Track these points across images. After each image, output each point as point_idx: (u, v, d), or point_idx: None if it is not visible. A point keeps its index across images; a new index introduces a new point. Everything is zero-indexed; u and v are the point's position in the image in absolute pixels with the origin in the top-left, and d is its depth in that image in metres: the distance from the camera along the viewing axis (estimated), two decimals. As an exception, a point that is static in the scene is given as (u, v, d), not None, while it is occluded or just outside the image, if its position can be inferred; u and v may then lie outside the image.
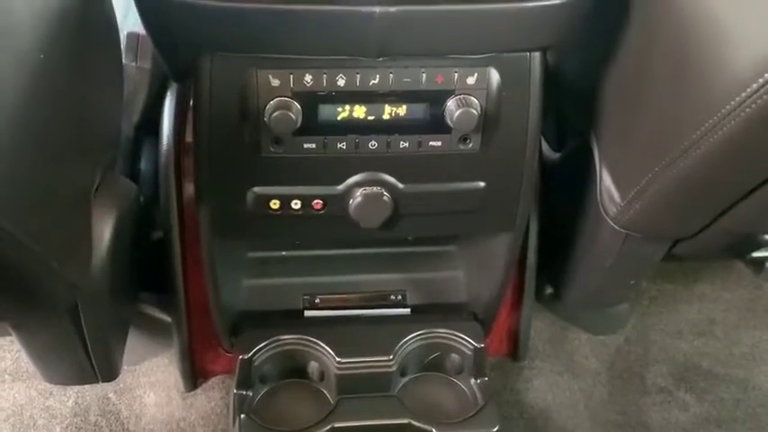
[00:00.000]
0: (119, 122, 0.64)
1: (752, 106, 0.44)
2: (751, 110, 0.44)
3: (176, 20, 0.50)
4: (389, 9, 0.48)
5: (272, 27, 0.50)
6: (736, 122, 0.45)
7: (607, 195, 0.62)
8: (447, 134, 0.58)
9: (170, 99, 0.71)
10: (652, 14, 0.54)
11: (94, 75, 0.55)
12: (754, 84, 0.43)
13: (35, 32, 0.43)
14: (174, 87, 0.71)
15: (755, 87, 0.43)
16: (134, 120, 0.73)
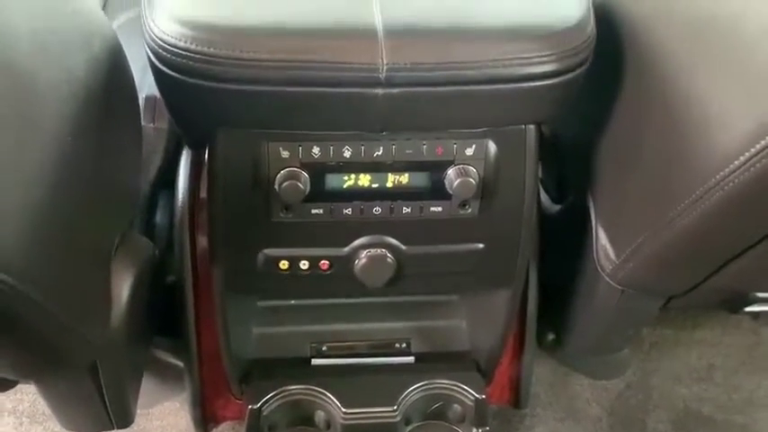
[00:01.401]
0: (138, 184, 0.68)
1: (735, 181, 0.47)
2: (735, 183, 0.47)
3: (191, 98, 0.54)
4: (391, 91, 0.52)
5: (281, 107, 0.53)
6: (722, 193, 0.48)
7: (603, 253, 0.65)
8: (447, 200, 0.61)
9: (185, 157, 0.75)
10: (642, 87, 0.58)
11: (116, 141, 0.58)
12: (736, 161, 0.46)
13: (61, 118, 0.47)
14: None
15: (737, 164, 0.46)
16: (150, 177, 0.77)
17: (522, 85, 0.53)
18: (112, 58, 0.56)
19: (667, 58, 0.54)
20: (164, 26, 0.52)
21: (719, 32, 0.50)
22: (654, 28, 0.56)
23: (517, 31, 0.53)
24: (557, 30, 0.53)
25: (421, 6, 0.53)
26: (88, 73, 0.51)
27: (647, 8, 0.57)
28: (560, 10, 0.54)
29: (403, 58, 0.51)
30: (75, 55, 0.50)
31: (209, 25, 0.51)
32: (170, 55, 0.51)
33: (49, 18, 0.49)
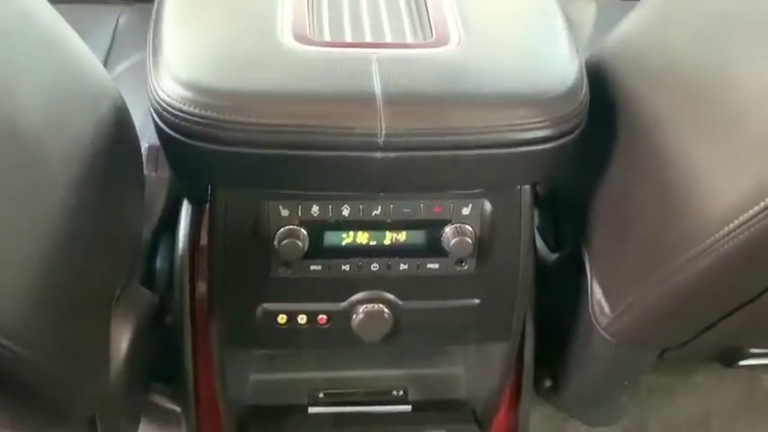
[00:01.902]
0: (140, 234, 0.69)
1: (727, 244, 0.48)
2: (727, 247, 0.48)
3: (193, 158, 0.55)
4: (390, 155, 0.53)
5: (281, 170, 0.54)
6: (714, 256, 0.49)
7: (598, 306, 0.66)
8: (444, 258, 0.62)
9: (186, 203, 0.76)
10: (635, 147, 0.59)
11: (119, 195, 0.60)
12: (728, 225, 0.47)
13: (67, 182, 0.48)
14: None
15: (729, 228, 0.47)
16: (152, 225, 0.78)
17: (517, 150, 0.54)
18: (118, 118, 0.57)
19: (659, 120, 0.55)
20: (168, 88, 0.53)
21: (711, 96, 0.52)
22: (646, 89, 0.58)
23: (512, 98, 0.54)
24: (550, 96, 0.54)
25: (419, 72, 0.55)
26: (95, 135, 0.52)
27: (640, 69, 0.59)
28: (554, 74, 0.56)
29: (401, 123, 0.52)
30: (83, 119, 0.51)
31: (212, 89, 0.52)
32: (173, 117, 0.53)
33: (57, 84, 0.50)
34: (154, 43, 0.58)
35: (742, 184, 0.47)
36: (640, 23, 0.61)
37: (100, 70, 0.58)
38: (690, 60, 0.54)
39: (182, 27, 0.58)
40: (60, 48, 0.53)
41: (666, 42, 0.56)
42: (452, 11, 0.61)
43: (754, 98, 0.47)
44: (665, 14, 0.58)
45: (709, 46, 0.52)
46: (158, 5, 0.63)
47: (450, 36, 0.58)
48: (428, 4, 0.63)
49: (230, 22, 0.58)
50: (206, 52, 0.55)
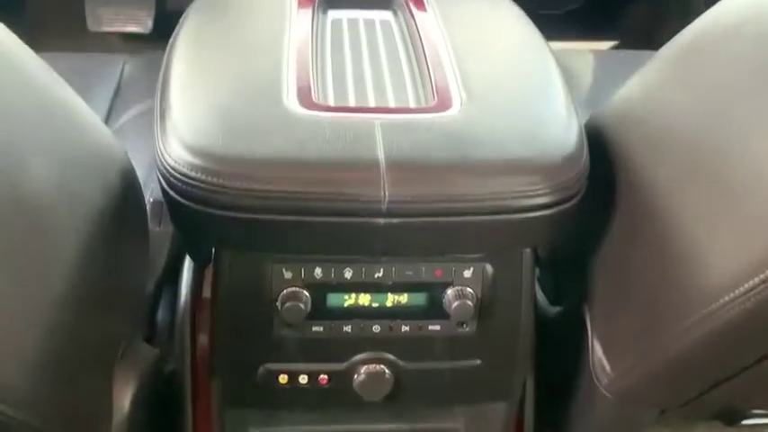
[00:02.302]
0: (144, 291, 0.69)
1: (725, 314, 0.49)
2: (725, 317, 0.49)
3: (198, 222, 0.56)
4: (392, 221, 0.54)
5: (285, 235, 0.55)
6: (712, 325, 0.50)
7: (599, 364, 0.66)
8: (445, 320, 0.62)
9: (189, 259, 0.77)
10: (634, 214, 0.60)
11: (124, 255, 0.60)
12: (725, 296, 0.48)
13: (74, 247, 0.49)
14: None
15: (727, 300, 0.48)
16: (155, 278, 0.78)
17: (519, 216, 0.55)
18: (125, 181, 0.58)
19: (659, 187, 0.56)
20: (175, 154, 0.54)
21: (711, 168, 0.52)
22: (646, 156, 0.58)
23: (513, 166, 0.55)
24: (551, 164, 0.55)
25: (421, 138, 0.55)
26: (103, 200, 0.53)
27: (640, 135, 0.60)
28: (555, 141, 0.57)
29: (404, 190, 0.53)
30: (91, 186, 0.52)
31: (218, 156, 0.53)
32: (180, 183, 0.53)
33: (66, 152, 0.51)
34: (161, 106, 0.59)
35: (742, 256, 0.48)
36: (641, 89, 0.62)
37: (104, 132, 0.59)
38: (690, 130, 0.55)
39: (188, 91, 0.59)
40: (63, 111, 0.54)
41: (667, 110, 0.57)
42: (454, 72, 0.63)
43: (756, 174, 0.48)
44: (666, 82, 0.59)
45: (710, 117, 0.53)
46: (166, 67, 0.64)
47: (452, 100, 0.59)
48: (430, 67, 0.64)
49: (236, 86, 0.60)
50: (212, 117, 0.56)
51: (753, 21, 0.53)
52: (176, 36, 0.69)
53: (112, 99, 0.96)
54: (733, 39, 0.53)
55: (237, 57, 0.64)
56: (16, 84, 0.47)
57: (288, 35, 0.67)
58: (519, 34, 0.73)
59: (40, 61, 0.53)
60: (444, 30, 0.69)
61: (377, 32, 0.72)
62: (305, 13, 0.72)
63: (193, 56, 0.64)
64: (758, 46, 0.52)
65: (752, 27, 0.52)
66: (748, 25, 0.53)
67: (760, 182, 0.47)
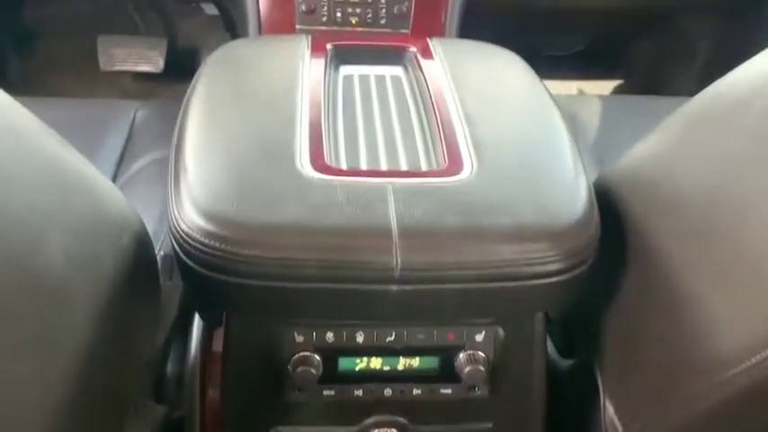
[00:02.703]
0: (154, 348, 0.69)
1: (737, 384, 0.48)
2: (737, 387, 0.48)
3: (211, 287, 0.56)
4: (405, 287, 0.54)
5: (297, 301, 0.55)
6: (723, 395, 0.49)
7: (611, 425, 0.65)
8: (457, 383, 0.62)
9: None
10: (645, 276, 0.59)
11: (135, 313, 0.60)
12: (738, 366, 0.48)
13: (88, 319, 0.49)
14: None
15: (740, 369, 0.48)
16: (165, 332, 0.78)
17: (531, 283, 0.55)
18: (138, 245, 0.58)
19: (669, 252, 0.56)
20: (188, 220, 0.54)
21: (722, 236, 0.52)
22: (657, 220, 0.58)
23: (525, 233, 0.55)
24: (563, 230, 0.55)
25: (433, 204, 0.56)
26: (115, 266, 0.53)
27: (651, 198, 0.60)
28: (566, 206, 0.57)
29: (416, 258, 0.53)
30: (104, 254, 0.52)
31: (232, 223, 0.54)
32: (192, 249, 0.54)
33: (80, 222, 0.51)
34: (175, 168, 0.60)
35: (757, 324, 0.47)
36: (651, 153, 0.62)
37: (116, 195, 0.59)
38: (702, 197, 0.55)
39: (202, 153, 0.60)
40: (74, 178, 0.54)
41: (678, 175, 0.57)
42: (464, 134, 0.63)
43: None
44: (677, 148, 0.59)
45: (721, 185, 0.53)
46: (180, 127, 0.64)
47: (463, 163, 0.60)
48: (441, 128, 0.64)
49: (250, 148, 0.60)
50: (226, 182, 0.57)
51: (760, 94, 0.53)
52: (191, 93, 0.70)
53: (124, 146, 0.97)
54: (741, 111, 0.53)
55: (251, 116, 0.65)
56: (27, 155, 0.48)
57: (300, 93, 0.67)
58: (526, 92, 0.73)
59: (45, 127, 0.53)
60: (454, 87, 0.70)
61: (388, 91, 0.72)
62: (317, 68, 0.73)
63: (207, 115, 0.65)
64: (765, 120, 0.52)
65: (760, 100, 0.53)
66: (757, 98, 0.53)
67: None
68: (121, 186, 0.91)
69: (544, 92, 0.74)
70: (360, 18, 1.10)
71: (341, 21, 1.09)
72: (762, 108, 0.52)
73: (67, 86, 1.56)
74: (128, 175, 0.92)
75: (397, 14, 1.10)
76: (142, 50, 1.50)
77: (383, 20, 1.10)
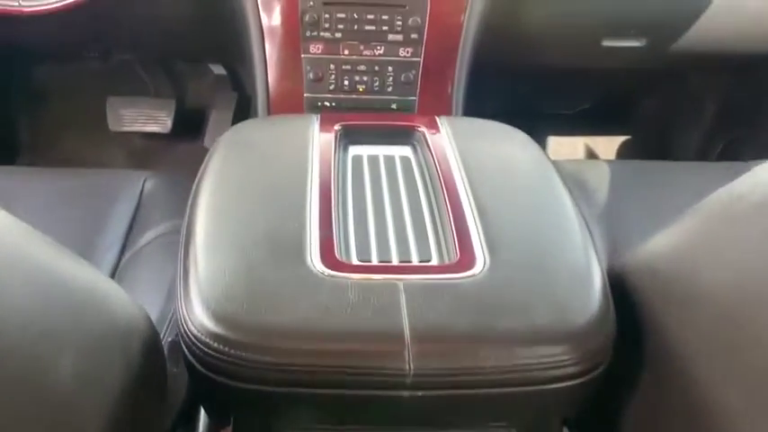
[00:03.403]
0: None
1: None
2: None
3: (219, 391, 0.55)
4: (417, 393, 0.52)
5: (306, 406, 0.54)
6: None
7: None
8: None
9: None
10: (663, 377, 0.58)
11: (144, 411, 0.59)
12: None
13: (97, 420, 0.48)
14: None
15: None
16: (170, 417, 0.76)
17: (546, 387, 0.54)
18: (147, 351, 0.57)
19: (688, 355, 0.54)
20: (197, 322, 0.53)
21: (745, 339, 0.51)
22: (674, 319, 0.57)
23: (540, 335, 0.54)
24: (579, 332, 0.54)
25: (446, 305, 0.55)
26: (125, 375, 0.52)
27: (668, 297, 0.58)
28: (582, 306, 0.56)
29: (429, 363, 0.52)
30: (115, 367, 0.51)
31: (241, 327, 0.53)
32: (201, 353, 0.53)
33: (92, 339, 0.50)
34: (184, 265, 0.59)
35: None
36: (671, 248, 0.60)
37: (125, 303, 0.58)
38: (725, 299, 0.53)
39: (210, 251, 0.59)
40: (86, 294, 0.53)
41: (701, 274, 0.56)
42: (475, 225, 0.62)
43: None
44: (699, 245, 0.57)
45: (745, 288, 0.52)
46: (189, 221, 0.64)
47: (476, 257, 0.59)
48: (452, 219, 0.64)
49: (260, 244, 0.59)
50: (236, 282, 0.56)
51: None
52: (200, 178, 0.70)
53: (132, 218, 0.97)
54: (764, 212, 0.53)
55: (261, 207, 0.64)
56: (32, 274, 0.47)
57: (310, 180, 0.67)
58: (536, 175, 0.72)
59: (54, 243, 0.53)
60: (463, 172, 0.70)
61: (397, 174, 0.72)
62: (326, 151, 0.73)
63: (217, 207, 0.65)
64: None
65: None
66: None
67: None
68: (128, 261, 0.90)
69: (554, 175, 0.73)
70: (367, 86, 1.11)
71: (348, 88, 1.10)
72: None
73: (76, 146, 1.58)
74: (135, 249, 0.91)
75: (405, 82, 1.11)
76: (151, 111, 1.51)
77: (390, 87, 1.11)
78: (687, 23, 1.25)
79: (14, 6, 0.91)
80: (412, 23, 1.08)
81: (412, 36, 1.08)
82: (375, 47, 1.09)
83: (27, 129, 1.59)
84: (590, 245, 0.63)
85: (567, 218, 0.66)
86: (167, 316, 0.80)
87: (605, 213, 1.01)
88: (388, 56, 1.09)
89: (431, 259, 0.61)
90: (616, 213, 1.01)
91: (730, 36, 1.27)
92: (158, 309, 0.80)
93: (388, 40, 1.09)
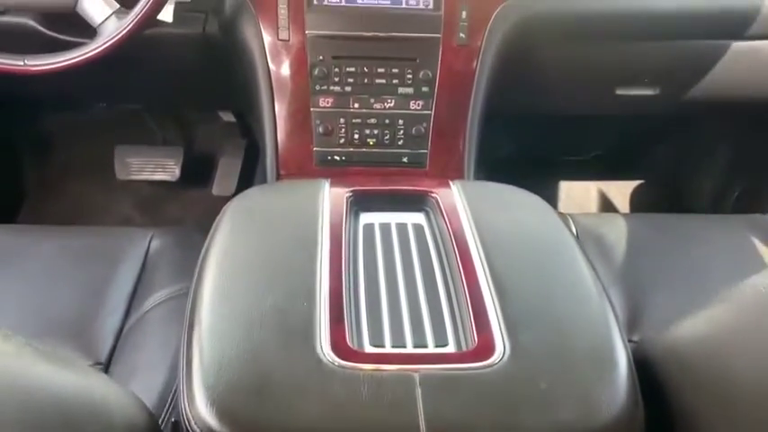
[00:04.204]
0: None
1: None
2: None
3: None
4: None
5: None
6: None
7: None
8: None
9: None
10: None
11: None
12: None
13: None
14: None
15: None
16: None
17: None
18: None
19: None
20: (200, 418, 0.51)
21: None
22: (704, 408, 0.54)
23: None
24: (605, 428, 0.51)
25: (464, 401, 0.52)
26: None
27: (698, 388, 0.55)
28: (607, 397, 0.53)
29: None
30: None
31: (246, 427, 0.50)
32: None
33: None
34: (187, 353, 0.56)
35: None
36: (700, 337, 0.57)
37: (119, 399, 0.54)
38: (757, 391, 0.50)
39: (215, 335, 0.56)
40: (71, 401, 0.48)
41: (735, 372, 0.52)
42: (494, 307, 0.59)
43: None
44: (732, 340, 0.54)
45: None
46: (193, 302, 0.61)
47: (494, 343, 0.56)
48: (469, 300, 0.61)
49: (268, 328, 0.57)
50: (241, 375, 0.53)
51: None
52: (207, 250, 0.68)
53: (137, 279, 0.94)
54: None
55: (268, 284, 0.61)
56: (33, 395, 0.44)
57: (320, 254, 0.65)
58: (554, 246, 0.70)
59: (48, 353, 0.50)
60: (479, 244, 0.67)
61: (411, 246, 0.69)
62: (337, 220, 0.70)
63: (223, 284, 0.62)
64: None
65: None
66: None
67: None
68: (132, 328, 0.87)
69: (572, 243, 0.71)
70: (377, 139, 1.09)
71: (358, 142, 1.08)
72: None
73: (83, 193, 1.56)
74: (140, 314, 0.89)
75: (415, 135, 1.09)
76: (159, 159, 1.50)
77: (401, 140, 1.09)
78: (703, 71, 1.23)
79: (20, 66, 0.90)
80: (423, 76, 1.06)
81: (423, 89, 1.07)
82: (385, 100, 1.07)
83: (32, 177, 1.58)
84: (613, 322, 0.60)
85: (587, 293, 0.63)
86: (170, 392, 0.77)
87: (625, 275, 0.97)
88: (399, 109, 1.08)
89: (447, 344, 0.58)
90: (636, 274, 0.98)
91: (746, 83, 1.25)
92: (161, 383, 0.77)
93: (398, 93, 1.07)
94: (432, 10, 1.04)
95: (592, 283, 0.64)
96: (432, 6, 1.05)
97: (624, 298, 0.94)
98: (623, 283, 0.96)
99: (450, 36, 1.05)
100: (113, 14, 0.90)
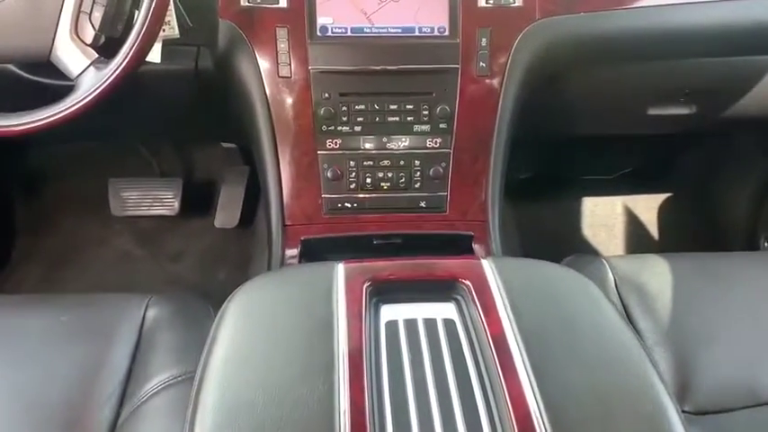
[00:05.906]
0: None
1: None
2: None
3: None
4: None
5: None
6: None
7: None
8: None
9: None
10: None
11: None
12: None
13: None
14: None
15: None
16: None
17: None
18: None
19: None
20: None
21: None
22: None
23: None
24: None
25: None
26: None
27: None
28: None
29: None
30: None
31: None
32: None
33: None
34: None
35: None
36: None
37: None
38: None
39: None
40: None
41: None
42: (533, 396, 0.51)
43: None
44: None
45: None
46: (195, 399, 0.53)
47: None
48: (506, 389, 0.52)
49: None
50: None
51: None
52: (209, 352, 0.59)
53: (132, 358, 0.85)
54: None
55: (280, 401, 0.53)
56: None
57: (337, 359, 0.56)
58: (605, 335, 0.61)
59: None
60: (520, 341, 0.58)
61: (442, 350, 0.60)
62: (354, 317, 0.61)
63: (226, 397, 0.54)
64: None
65: None
66: None
67: None
68: (127, 421, 0.79)
69: (625, 328, 0.62)
70: (392, 183, 0.99)
71: (371, 186, 0.99)
72: None
73: (78, 227, 1.47)
74: (135, 403, 0.80)
75: (433, 176, 0.99)
76: (156, 193, 1.41)
77: (417, 183, 1.00)
78: (741, 89, 1.13)
79: (3, 128, 0.80)
80: (440, 112, 0.96)
81: (440, 125, 0.97)
82: (399, 139, 0.98)
83: (25, 212, 1.49)
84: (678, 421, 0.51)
85: (645, 391, 0.54)
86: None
87: (671, 332, 0.88)
88: (415, 148, 0.98)
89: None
90: (683, 329, 0.89)
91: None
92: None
93: (413, 131, 0.97)
94: (448, 37, 0.94)
95: (649, 372, 0.56)
96: (447, 33, 0.94)
97: (672, 360, 0.85)
98: (670, 342, 0.87)
99: (469, 66, 0.95)
100: (91, 65, 0.80)
